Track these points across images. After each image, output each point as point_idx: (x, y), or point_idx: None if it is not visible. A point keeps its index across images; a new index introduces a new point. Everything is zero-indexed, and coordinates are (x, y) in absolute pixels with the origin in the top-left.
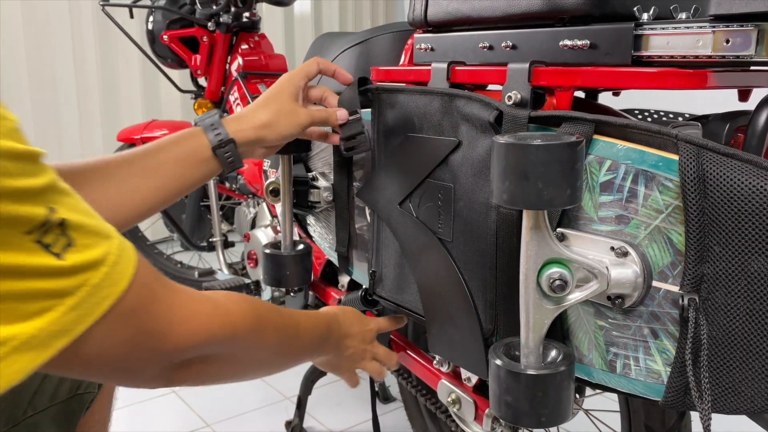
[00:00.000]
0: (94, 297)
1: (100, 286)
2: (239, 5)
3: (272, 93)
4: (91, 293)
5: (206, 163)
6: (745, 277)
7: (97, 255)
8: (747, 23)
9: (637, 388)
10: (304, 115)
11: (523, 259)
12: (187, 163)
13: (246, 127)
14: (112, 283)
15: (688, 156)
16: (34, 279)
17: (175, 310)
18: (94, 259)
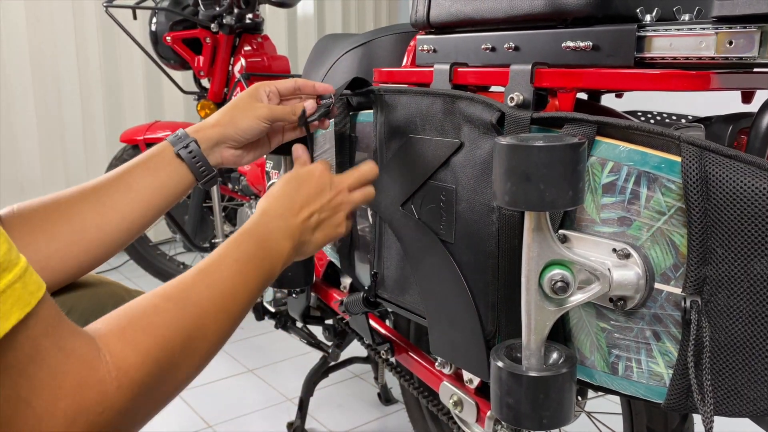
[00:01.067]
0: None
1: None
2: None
3: (233, 99)
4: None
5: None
6: (747, 280)
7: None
8: (750, 25)
9: (639, 391)
10: (262, 108)
11: (525, 261)
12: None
13: (204, 127)
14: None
15: (690, 158)
16: None
17: (59, 380)
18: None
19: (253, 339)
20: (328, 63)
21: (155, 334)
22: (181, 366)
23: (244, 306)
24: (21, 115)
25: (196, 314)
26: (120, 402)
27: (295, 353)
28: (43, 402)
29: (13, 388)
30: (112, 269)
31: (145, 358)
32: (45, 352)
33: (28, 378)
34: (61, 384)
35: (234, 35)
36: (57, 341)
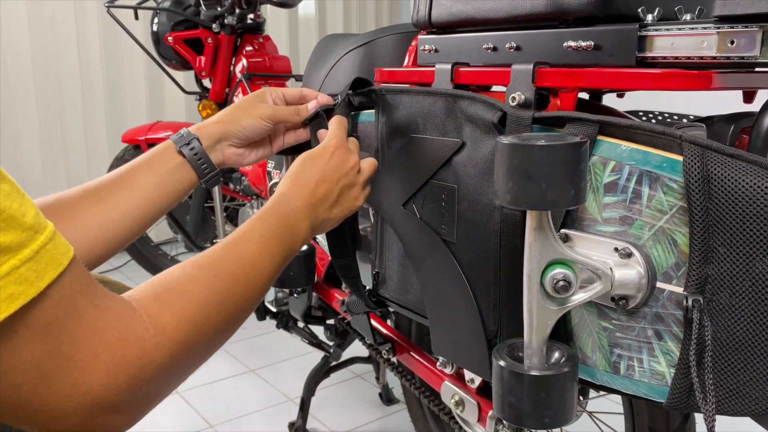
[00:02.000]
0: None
1: (6, 281)
2: (243, 7)
3: (239, 100)
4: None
5: (177, 167)
6: (749, 279)
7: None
8: (752, 24)
9: (641, 390)
10: (264, 108)
11: (527, 260)
12: (158, 172)
13: (207, 125)
14: (21, 280)
15: (692, 157)
16: None
17: (100, 336)
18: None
19: (255, 339)
20: (329, 63)
21: (190, 298)
22: (215, 329)
23: (269, 277)
24: (23, 115)
25: (227, 281)
26: (159, 358)
27: (296, 353)
28: (85, 356)
29: (55, 344)
30: (114, 269)
31: (181, 319)
32: (83, 310)
33: (69, 334)
34: (101, 339)
35: (235, 35)
36: (92, 299)
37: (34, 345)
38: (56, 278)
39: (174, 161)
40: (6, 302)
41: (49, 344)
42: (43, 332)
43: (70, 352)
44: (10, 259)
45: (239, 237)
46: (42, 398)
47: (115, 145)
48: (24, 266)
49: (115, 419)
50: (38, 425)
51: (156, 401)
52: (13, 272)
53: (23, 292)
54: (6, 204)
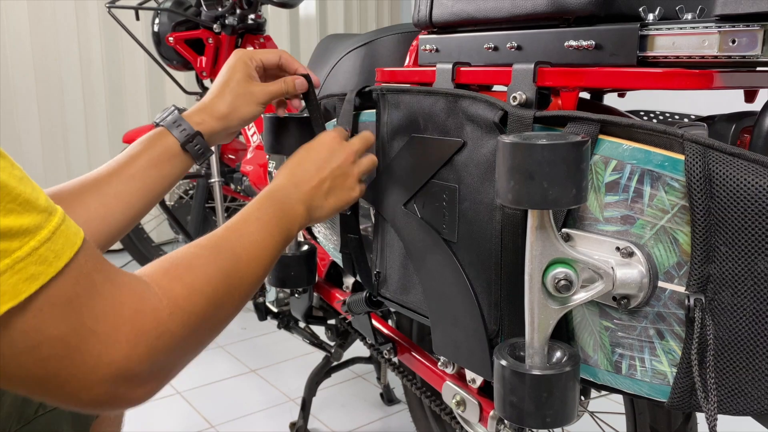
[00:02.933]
0: (17, 273)
1: (26, 261)
2: (244, 7)
3: (225, 77)
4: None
5: (178, 159)
6: (751, 278)
7: (23, 225)
8: (753, 23)
9: (643, 389)
10: (260, 93)
11: (528, 259)
12: (161, 164)
13: (209, 119)
14: (41, 260)
15: (694, 156)
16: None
17: (118, 309)
18: (18, 228)
19: (256, 339)
20: (330, 63)
21: (198, 272)
22: (223, 301)
23: (269, 256)
24: (24, 116)
25: (231, 259)
26: (174, 328)
27: (297, 353)
28: (106, 329)
29: (78, 318)
30: None
31: (191, 290)
32: (100, 286)
33: (90, 309)
34: (119, 312)
35: (236, 36)
36: (107, 275)
37: (59, 321)
38: (72, 257)
39: (177, 156)
40: (28, 282)
41: (73, 319)
42: (66, 308)
43: (93, 325)
44: (30, 240)
45: (237, 220)
46: (69, 371)
47: (116, 145)
48: (43, 247)
49: (137, 389)
50: (66, 397)
51: (174, 372)
52: (34, 253)
53: (43, 272)
54: (21, 188)
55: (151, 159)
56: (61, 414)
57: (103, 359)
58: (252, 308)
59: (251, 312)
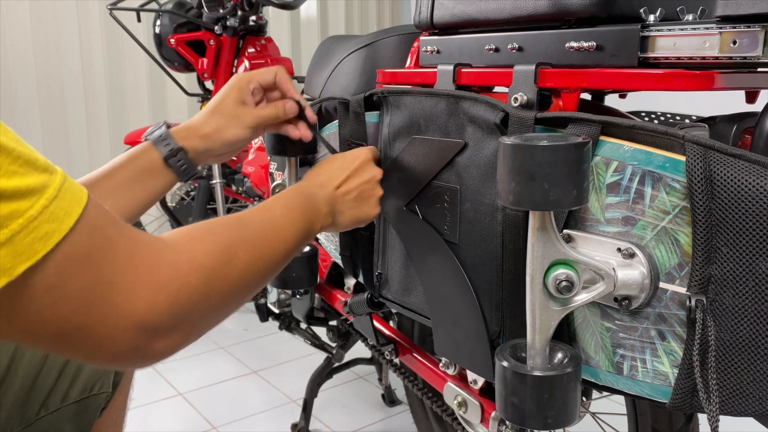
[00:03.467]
0: (32, 233)
1: (38, 219)
2: (246, 9)
3: (218, 99)
4: (28, 228)
5: (161, 174)
6: (752, 279)
7: (30, 184)
8: (754, 24)
9: (644, 390)
10: (249, 116)
11: (530, 260)
12: (142, 178)
13: (193, 136)
14: (53, 218)
15: (695, 157)
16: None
17: (135, 261)
18: (26, 188)
19: (257, 340)
20: (331, 65)
21: (218, 233)
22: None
23: (293, 242)
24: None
25: (252, 228)
26: (194, 281)
27: (299, 354)
28: (125, 281)
29: (98, 272)
30: None
31: (211, 249)
32: (115, 240)
33: (109, 262)
34: (137, 264)
35: (237, 37)
36: (122, 231)
37: (79, 275)
38: (82, 212)
39: (160, 171)
40: (43, 240)
41: (92, 273)
42: (84, 263)
43: (112, 278)
44: (39, 199)
45: (263, 205)
46: (91, 324)
47: (118, 147)
48: (52, 204)
49: (160, 342)
50: (91, 351)
51: (199, 328)
52: (44, 211)
53: (57, 229)
54: (20, 149)
55: (133, 172)
56: (63, 415)
57: (124, 310)
58: (253, 309)
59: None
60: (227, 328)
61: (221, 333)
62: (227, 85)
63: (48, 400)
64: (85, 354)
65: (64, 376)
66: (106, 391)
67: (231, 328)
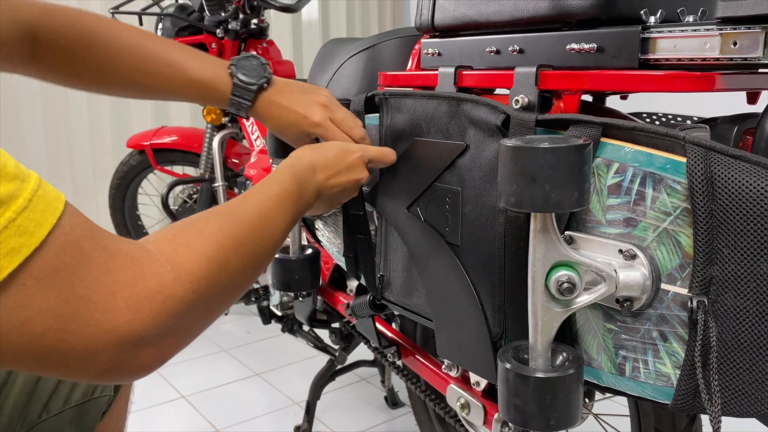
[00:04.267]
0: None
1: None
2: (247, 12)
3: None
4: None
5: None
6: (754, 279)
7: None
8: (754, 25)
9: (647, 392)
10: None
11: (531, 262)
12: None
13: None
14: (20, 231)
15: (696, 158)
16: None
17: (113, 275)
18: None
19: (260, 343)
20: (333, 67)
21: (207, 237)
22: (235, 270)
23: (281, 236)
24: (28, 120)
25: (245, 225)
26: (180, 292)
27: (301, 357)
28: (102, 296)
29: (69, 288)
30: None
31: (199, 256)
32: (90, 252)
33: (82, 277)
34: (115, 278)
35: (239, 40)
36: (99, 242)
37: (47, 293)
38: (56, 224)
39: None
40: (8, 257)
41: (63, 290)
42: (53, 279)
43: (86, 294)
44: (5, 211)
45: (256, 190)
46: (67, 342)
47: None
48: (20, 216)
49: (145, 354)
50: (72, 370)
51: (188, 336)
52: (11, 225)
53: (25, 243)
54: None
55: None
56: (65, 418)
57: (103, 326)
58: (256, 312)
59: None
60: (230, 331)
61: (224, 336)
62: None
63: (49, 403)
64: (66, 373)
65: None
66: (107, 394)
67: (234, 330)
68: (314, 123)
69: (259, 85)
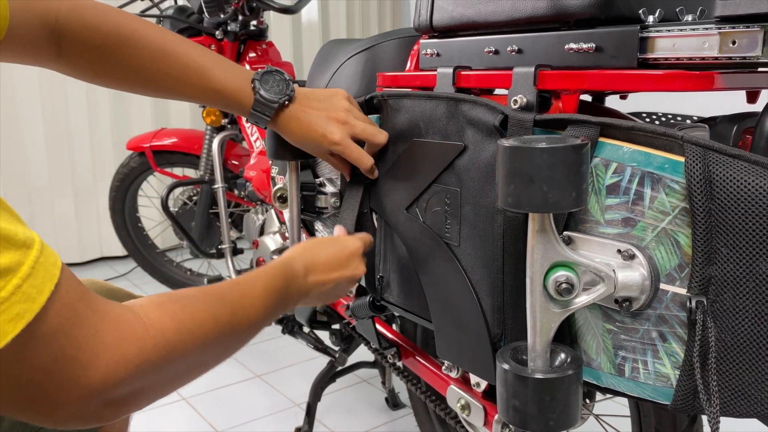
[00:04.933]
0: (3, 314)
1: (11, 301)
2: (246, 13)
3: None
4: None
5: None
6: (752, 279)
7: (4, 263)
8: (753, 24)
9: (646, 392)
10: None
11: (529, 263)
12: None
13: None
14: (25, 298)
15: (694, 157)
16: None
17: (100, 336)
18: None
19: (261, 344)
20: (332, 68)
21: (192, 311)
22: (210, 349)
23: (260, 327)
24: (28, 123)
25: (227, 311)
26: (155, 358)
27: (302, 358)
28: (87, 356)
29: (61, 348)
30: (120, 276)
31: (180, 327)
32: (83, 314)
33: (73, 337)
34: (101, 339)
35: (238, 42)
36: (90, 304)
37: (41, 352)
38: (54, 289)
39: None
40: (14, 322)
41: (55, 349)
42: (49, 340)
43: (74, 353)
44: (12, 278)
45: (245, 280)
46: (45, 395)
47: (121, 152)
48: (25, 284)
49: (106, 410)
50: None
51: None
52: (17, 291)
53: (28, 309)
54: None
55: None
56: None
57: (79, 383)
58: None
59: None
60: None
61: None
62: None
63: None
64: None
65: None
66: None
67: None
68: (334, 142)
69: (281, 103)
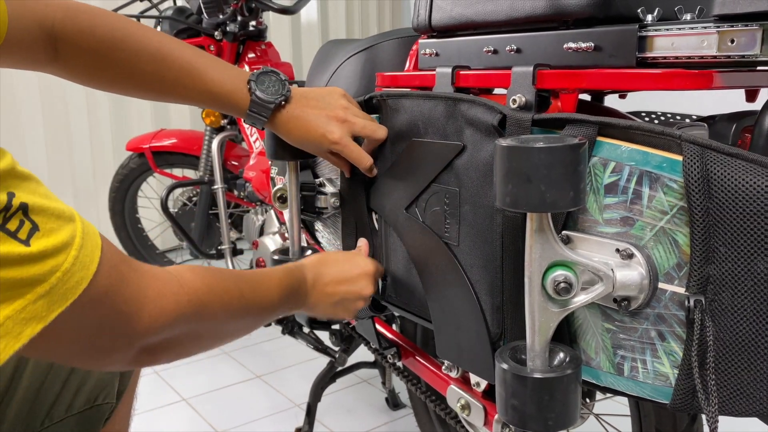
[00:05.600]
0: (66, 283)
1: (71, 271)
2: (246, 14)
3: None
4: (63, 279)
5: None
6: (751, 278)
7: (64, 238)
8: (751, 23)
9: (645, 391)
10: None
11: (528, 262)
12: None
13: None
14: (82, 267)
15: (692, 156)
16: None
17: (143, 292)
18: (62, 243)
19: (261, 345)
20: (331, 68)
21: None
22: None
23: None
24: (28, 123)
25: (250, 288)
26: (189, 312)
27: (302, 359)
28: (133, 309)
29: (112, 305)
30: None
31: (210, 289)
32: (127, 275)
33: (120, 295)
34: (144, 294)
35: (238, 42)
36: (131, 265)
37: (97, 309)
38: (101, 255)
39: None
40: (74, 288)
41: (107, 306)
42: (102, 298)
43: (122, 308)
44: (71, 250)
45: (262, 271)
46: (100, 342)
47: (120, 153)
48: (81, 253)
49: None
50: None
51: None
52: (76, 262)
53: (85, 276)
54: (53, 205)
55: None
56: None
57: (127, 332)
58: None
59: None
60: None
61: None
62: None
63: (52, 410)
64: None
65: (68, 387)
66: (110, 401)
67: None
68: (333, 141)
69: (277, 104)
